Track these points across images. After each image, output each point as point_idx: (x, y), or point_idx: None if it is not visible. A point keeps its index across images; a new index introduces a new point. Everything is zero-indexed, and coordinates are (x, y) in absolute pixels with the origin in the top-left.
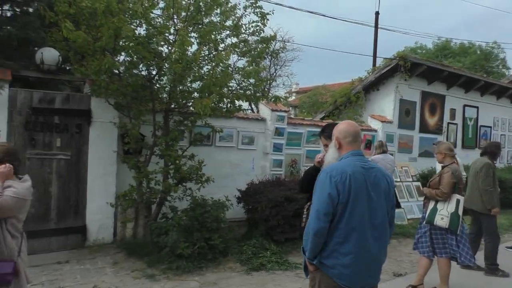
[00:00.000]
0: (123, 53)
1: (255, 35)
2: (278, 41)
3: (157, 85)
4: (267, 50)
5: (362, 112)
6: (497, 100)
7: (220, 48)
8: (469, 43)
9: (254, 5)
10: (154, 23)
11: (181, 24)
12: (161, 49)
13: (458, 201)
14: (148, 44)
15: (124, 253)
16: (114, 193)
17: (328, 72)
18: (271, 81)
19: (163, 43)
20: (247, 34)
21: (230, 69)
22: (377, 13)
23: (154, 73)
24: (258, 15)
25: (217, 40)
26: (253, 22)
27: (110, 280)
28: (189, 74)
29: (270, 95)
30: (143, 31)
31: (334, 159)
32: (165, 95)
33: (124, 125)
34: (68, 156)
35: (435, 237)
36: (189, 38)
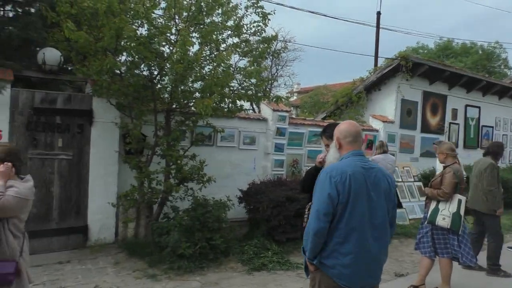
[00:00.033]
0: (124, 53)
1: (257, 35)
2: (280, 41)
3: (159, 85)
4: (268, 50)
5: (363, 112)
6: (499, 100)
7: (222, 48)
8: (471, 43)
9: (255, 5)
10: (156, 23)
11: (182, 24)
12: (163, 49)
13: (459, 201)
14: (149, 44)
15: (126, 253)
16: (115, 193)
17: (330, 72)
18: (273, 81)
19: (164, 43)
20: (249, 34)
21: (232, 69)
22: (378, 13)
23: (155, 73)
24: (259, 15)
25: (219, 40)
26: (254, 22)
27: (111, 280)
28: (190, 74)
29: (272, 95)
30: (145, 31)
31: (335, 159)
32: (167, 95)
33: (126, 125)
34: (69, 156)
35: (436, 237)
36: (191, 38)
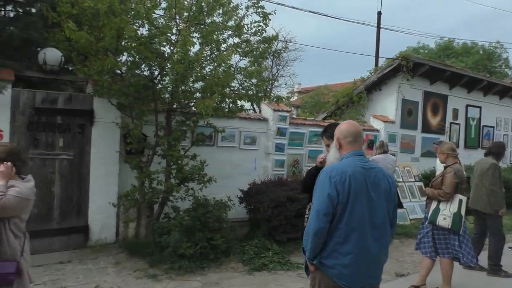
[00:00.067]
0: (125, 53)
1: (257, 35)
2: (280, 41)
3: (159, 85)
4: (269, 50)
5: (364, 112)
6: (500, 100)
7: (222, 48)
8: (472, 43)
9: (256, 5)
10: (157, 24)
11: (183, 24)
12: (163, 49)
13: (460, 201)
14: (150, 44)
15: (126, 253)
16: (116, 193)
17: (330, 72)
18: (273, 81)
19: (165, 43)
20: (249, 34)
21: (232, 69)
22: (379, 13)
23: (156, 73)
24: (260, 15)
25: (219, 40)
26: (255, 22)
27: (112, 280)
28: (191, 74)
29: (272, 95)
30: (146, 31)
31: (335, 159)
32: (167, 95)
33: (127, 125)
34: (70, 156)
35: (437, 237)
36: (191, 38)
